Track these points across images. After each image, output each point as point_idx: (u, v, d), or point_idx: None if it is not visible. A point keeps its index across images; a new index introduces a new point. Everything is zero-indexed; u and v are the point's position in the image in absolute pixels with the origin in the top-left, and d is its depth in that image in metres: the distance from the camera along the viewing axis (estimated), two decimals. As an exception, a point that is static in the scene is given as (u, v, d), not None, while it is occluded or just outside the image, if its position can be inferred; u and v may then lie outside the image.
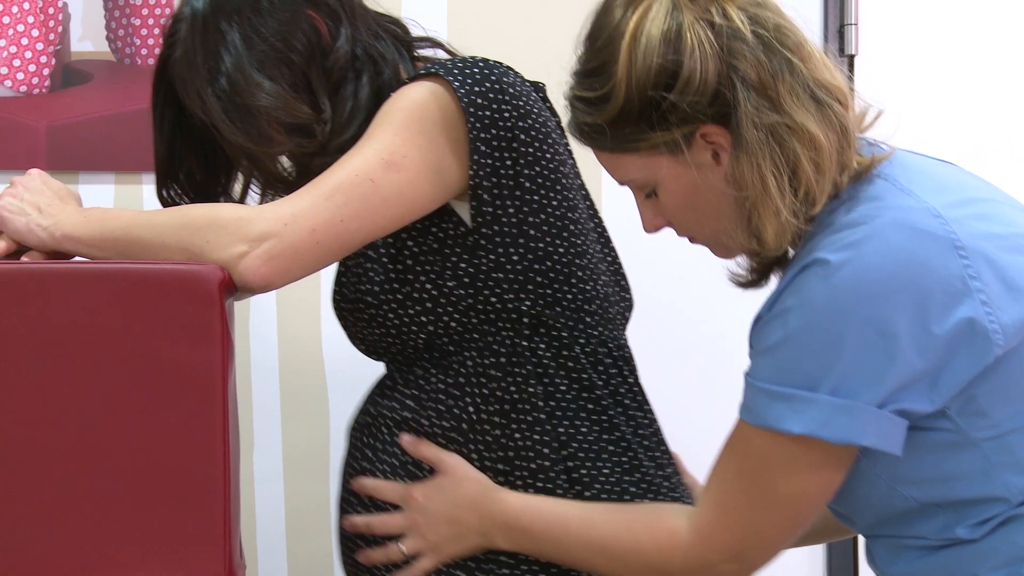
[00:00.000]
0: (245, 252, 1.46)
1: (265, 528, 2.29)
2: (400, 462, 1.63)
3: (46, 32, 2.18)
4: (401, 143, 1.53)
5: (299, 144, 1.61)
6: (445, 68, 1.57)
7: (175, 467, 1.42)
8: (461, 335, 1.60)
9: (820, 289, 1.35)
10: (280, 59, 1.60)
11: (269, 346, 2.28)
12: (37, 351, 1.41)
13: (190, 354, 1.42)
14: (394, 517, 1.62)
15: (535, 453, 1.58)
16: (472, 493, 1.58)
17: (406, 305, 1.61)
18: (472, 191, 1.56)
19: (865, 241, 1.35)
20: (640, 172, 1.45)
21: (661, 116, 1.40)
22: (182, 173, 1.70)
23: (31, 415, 1.41)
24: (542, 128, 1.59)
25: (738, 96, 1.38)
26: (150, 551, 1.42)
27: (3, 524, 1.40)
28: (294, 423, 2.30)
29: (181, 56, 1.62)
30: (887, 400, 1.36)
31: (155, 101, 1.69)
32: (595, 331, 1.62)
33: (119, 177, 2.22)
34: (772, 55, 1.40)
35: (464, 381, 1.60)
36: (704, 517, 1.47)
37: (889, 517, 1.45)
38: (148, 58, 2.22)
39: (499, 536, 1.57)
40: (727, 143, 1.40)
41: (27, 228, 1.53)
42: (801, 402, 1.37)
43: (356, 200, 1.51)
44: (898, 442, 1.38)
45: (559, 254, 1.60)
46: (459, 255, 1.58)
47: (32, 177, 1.59)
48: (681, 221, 1.49)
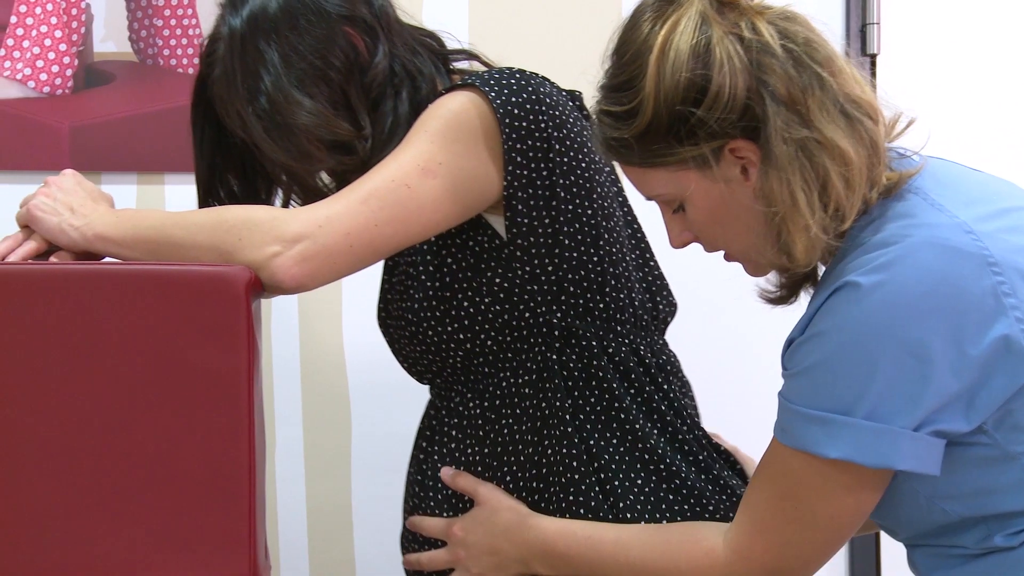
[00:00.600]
0: (278, 252, 1.46)
1: (287, 529, 2.29)
2: (444, 496, 1.65)
3: (69, 33, 2.19)
4: (437, 150, 1.53)
5: (340, 161, 1.62)
6: (481, 79, 1.57)
7: (201, 468, 1.42)
8: (496, 354, 1.61)
9: (853, 313, 1.34)
10: (319, 77, 1.61)
11: (291, 347, 2.29)
12: (63, 351, 1.42)
13: (216, 355, 1.42)
14: (440, 553, 1.65)
15: (564, 467, 1.58)
16: (507, 522, 1.59)
17: (444, 323, 1.61)
18: (507, 202, 1.56)
19: (897, 262, 1.34)
20: (667, 187, 1.44)
21: (689, 131, 1.39)
22: (223, 190, 1.71)
23: (57, 415, 1.41)
24: (577, 138, 1.59)
25: (767, 111, 1.37)
26: (176, 552, 1.42)
27: (31, 524, 1.41)
28: (315, 424, 2.30)
29: (220, 76, 1.62)
30: (923, 423, 1.35)
31: (194, 120, 1.69)
32: (626, 339, 1.62)
33: (141, 177, 2.23)
34: (802, 70, 1.39)
35: (499, 403, 1.61)
36: (741, 536, 1.47)
37: (930, 530, 1.45)
38: (170, 59, 2.22)
39: (537, 563, 1.58)
40: (756, 158, 1.39)
41: (59, 228, 1.54)
42: (837, 426, 1.36)
43: (391, 205, 1.51)
44: (935, 463, 1.37)
45: (593, 263, 1.60)
46: (494, 269, 1.59)
47: (66, 177, 1.59)
48: (709, 236, 1.48)
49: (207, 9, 2.20)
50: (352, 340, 2.30)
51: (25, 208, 1.57)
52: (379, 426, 2.28)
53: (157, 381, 1.42)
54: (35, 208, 1.56)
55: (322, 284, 1.50)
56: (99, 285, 1.43)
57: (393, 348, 1.71)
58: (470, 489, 1.62)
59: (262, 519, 1.48)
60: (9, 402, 1.41)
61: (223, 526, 1.42)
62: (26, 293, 1.41)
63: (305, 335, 2.30)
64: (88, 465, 1.41)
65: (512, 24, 2.31)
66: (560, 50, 2.24)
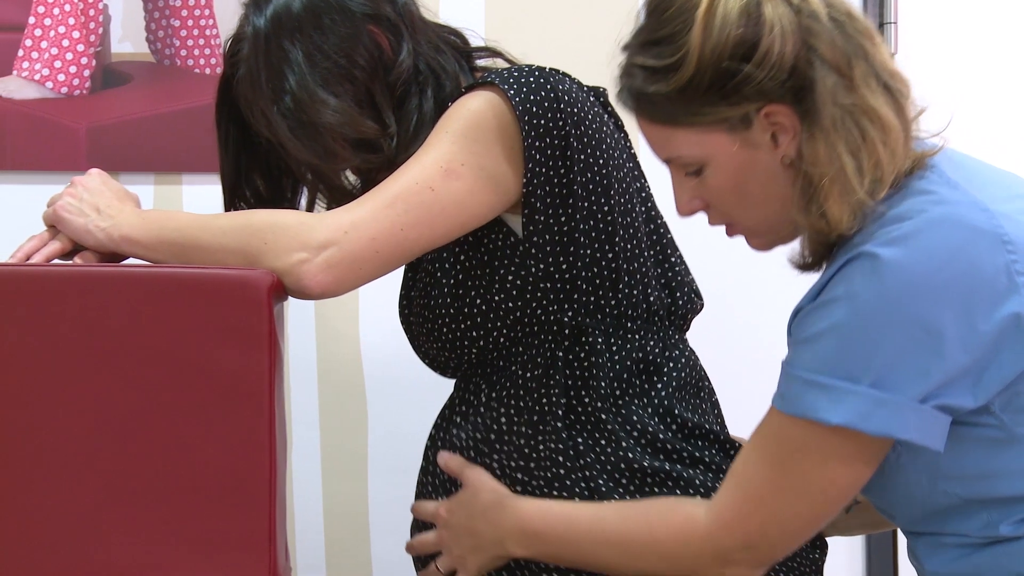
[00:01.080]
0: (305, 259, 1.47)
1: (303, 530, 2.29)
2: (440, 481, 1.66)
3: (87, 34, 2.19)
4: (459, 151, 1.53)
5: (365, 159, 1.62)
6: (501, 77, 1.57)
7: (221, 470, 1.43)
8: (509, 349, 1.61)
9: (868, 282, 1.35)
10: (343, 75, 1.61)
11: (308, 347, 2.29)
12: (86, 352, 1.42)
13: (238, 358, 1.43)
14: (428, 535, 1.65)
15: (551, 462, 1.58)
16: (486, 503, 1.59)
17: (458, 320, 1.61)
18: (525, 200, 1.56)
19: (913, 236, 1.35)
20: (692, 149, 1.44)
21: (732, 89, 1.39)
22: (249, 190, 1.71)
23: (79, 416, 1.42)
24: (596, 135, 1.59)
25: (817, 74, 1.38)
26: (196, 554, 1.43)
27: (52, 525, 1.41)
28: (332, 425, 2.30)
29: (244, 75, 1.63)
30: (930, 396, 1.36)
31: (219, 120, 1.69)
32: (635, 336, 1.62)
33: (159, 178, 2.23)
34: (847, 39, 1.40)
35: (505, 394, 1.61)
36: (726, 503, 1.46)
37: (930, 513, 1.45)
38: (187, 59, 2.23)
39: (512, 543, 1.57)
40: (792, 124, 1.40)
41: (85, 229, 1.54)
42: (841, 393, 1.36)
43: (416, 208, 1.51)
44: (939, 438, 1.37)
45: (607, 260, 1.59)
46: (507, 267, 1.59)
47: (92, 177, 1.60)
48: (724, 204, 1.47)
49: (224, 9, 2.21)
50: (369, 340, 2.30)
51: (52, 208, 1.58)
52: (396, 427, 2.28)
53: (179, 383, 1.42)
54: (61, 209, 1.56)
55: (348, 290, 1.51)
56: (122, 287, 1.43)
57: (414, 344, 1.72)
58: (457, 471, 1.62)
59: (282, 521, 1.48)
60: (31, 403, 1.41)
61: (244, 528, 1.43)
62: (49, 294, 1.42)
63: (322, 335, 2.30)
64: (109, 466, 1.42)
65: (528, 21, 2.30)
66: (576, 46, 2.23)
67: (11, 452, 1.40)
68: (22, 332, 1.41)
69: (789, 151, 1.41)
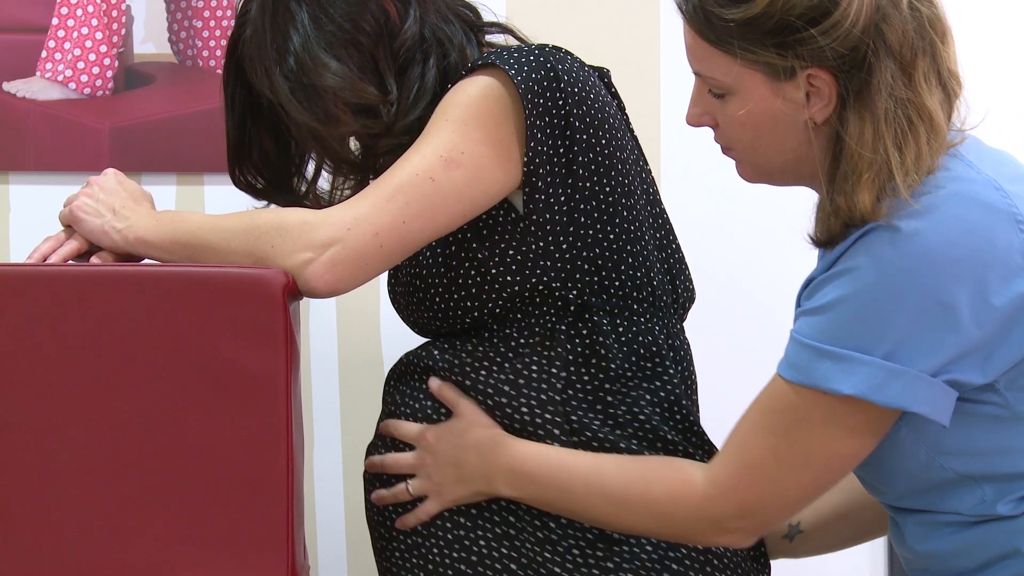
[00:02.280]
0: (311, 259, 1.47)
1: (324, 527, 2.30)
2: (421, 406, 1.64)
3: (109, 35, 2.20)
4: (459, 139, 1.54)
5: (365, 125, 1.62)
6: (501, 57, 1.57)
7: (239, 469, 1.43)
8: (506, 317, 1.61)
9: (884, 254, 1.36)
10: (348, 40, 1.61)
11: (328, 345, 2.29)
12: (102, 352, 1.43)
13: (254, 357, 1.43)
14: (406, 456, 1.63)
15: (544, 432, 1.57)
16: (480, 437, 1.58)
17: (451, 289, 1.61)
18: (525, 178, 1.56)
19: (930, 210, 1.36)
20: (727, 76, 1.43)
21: (791, 43, 1.39)
22: (255, 154, 1.71)
23: (96, 416, 1.43)
24: (598, 114, 1.59)
25: (880, 61, 1.38)
26: (214, 553, 1.43)
27: (70, 525, 1.42)
28: (353, 420, 2.31)
29: (251, 36, 1.63)
30: (941, 370, 1.36)
31: (226, 81, 1.70)
32: (642, 319, 1.62)
33: (181, 178, 2.24)
34: (920, 33, 1.39)
35: (494, 353, 1.60)
36: (724, 469, 1.46)
37: (923, 488, 1.45)
38: (209, 60, 2.24)
39: (501, 482, 1.57)
40: (830, 93, 1.40)
41: (101, 230, 1.56)
42: (853, 363, 1.36)
43: (417, 200, 1.52)
44: (947, 412, 1.38)
45: (609, 240, 1.59)
46: (507, 241, 1.58)
47: (108, 177, 1.61)
48: (734, 134, 1.47)
49: (245, 10, 2.21)
50: (390, 338, 2.30)
51: (68, 208, 1.59)
52: (417, 423, 2.27)
53: (196, 383, 1.43)
54: (78, 209, 1.57)
55: (356, 287, 1.51)
56: (137, 287, 1.44)
57: (401, 314, 1.71)
58: (452, 400, 1.61)
59: (301, 520, 1.49)
60: (49, 403, 1.42)
61: (262, 527, 1.43)
62: (65, 294, 1.43)
63: (343, 333, 2.30)
64: (126, 466, 1.43)
65: (549, 17, 2.30)
66: (595, 28, 2.24)
67: (29, 452, 1.41)
68: (39, 332, 1.42)
69: (817, 116, 1.41)
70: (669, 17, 1.55)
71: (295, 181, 1.74)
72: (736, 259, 2.33)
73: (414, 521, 1.62)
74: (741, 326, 2.34)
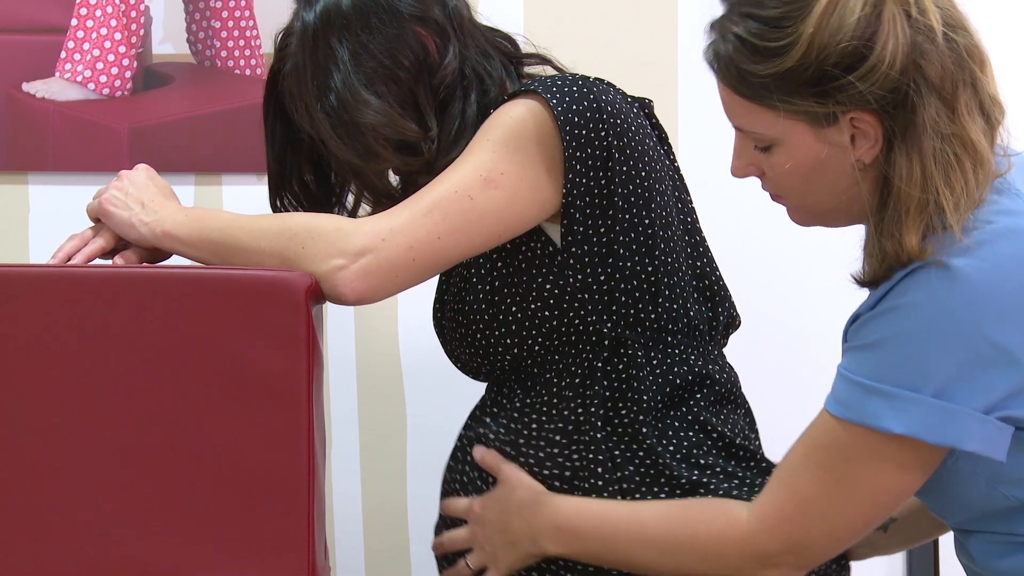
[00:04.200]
0: (343, 266, 1.47)
1: (342, 528, 2.30)
2: (470, 479, 1.65)
3: (128, 35, 2.20)
4: (499, 160, 1.53)
5: (405, 162, 1.63)
6: (544, 85, 1.56)
7: (260, 471, 1.43)
8: (544, 356, 1.60)
9: (934, 292, 1.34)
10: (388, 76, 1.61)
11: (347, 346, 2.29)
12: (125, 354, 1.43)
13: (276, 360, 1.43)
14: (460, 532, 1.64)
15: (589, 472, 1.57)
16: (521, 499, 1.58)
17: (492, 326, 1.61)
18: (564, 210, 1.56)
19: (979, 247, 1.34)
20: (769, 129, 1.42)
21: (830, 91, 1.36)
22: (295, 184, 1.71)
23: (118, 418, 1.42)
24: (638, 147, 1.58)
25: (923, 100, 1.35)
26: (235, 554, 1.43)
27: (91, 525, 1.42)
28: (371, 423, 2.31)
29: (291, 71, 1.63)
30: (994, 407, 1.35)
31: (266, 113, 1.70)
32: (676, 349, 1.61)
33: (199, 178, 2.24)
34: (958, 63, 1.37)
35: (539, 401, 1.60)
36: (771, 506, 1.45)
37: (987, 515, 1.44)
38: (228, 60, 2.23)
39: (547, 540, 1.56)
40: (875, 134, 1.38)
41: (129, 222, 1.56)
42: (904, 401, 1.35)
43: (453, 217, 1.51)
44: (1002, 448, 1.37)
45: (647, 273, 1.59)
46: (545, 275, 1.58)
47: (139, 172, 1.61)
48: (782, 182, 1.46)
49: (265, 11, 2.22)
50: (408, 340, 2.30)
51: (97, 201, 1.59)
52: (435, 426, 2.27)
53: (217, 384, 1.43)
54: (106, 202, 1.58)
55: (383, 298, 1.51)
56: (160, 288, 1.44)
57: (446, 349, 1.72)
58: (494, 467, 1.61)
59: (321, 522, 1.49)
60: (70, 404, 1.42)
61: (282, 529, 1.43)
62: (88, 295, 1.43)
63: (361, 334, 2.30)
64: (148, 466, 1.42)
65: (566, 24, 2.30)
66: (615, 49, 2.24)
67: (51, 453, 1.41)
68: (61, 333, 1.42)
69: (865, 156, 1.39)
70: (687, 30, 1.54)
71: (336, 211, 1.74)
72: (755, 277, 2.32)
73: None
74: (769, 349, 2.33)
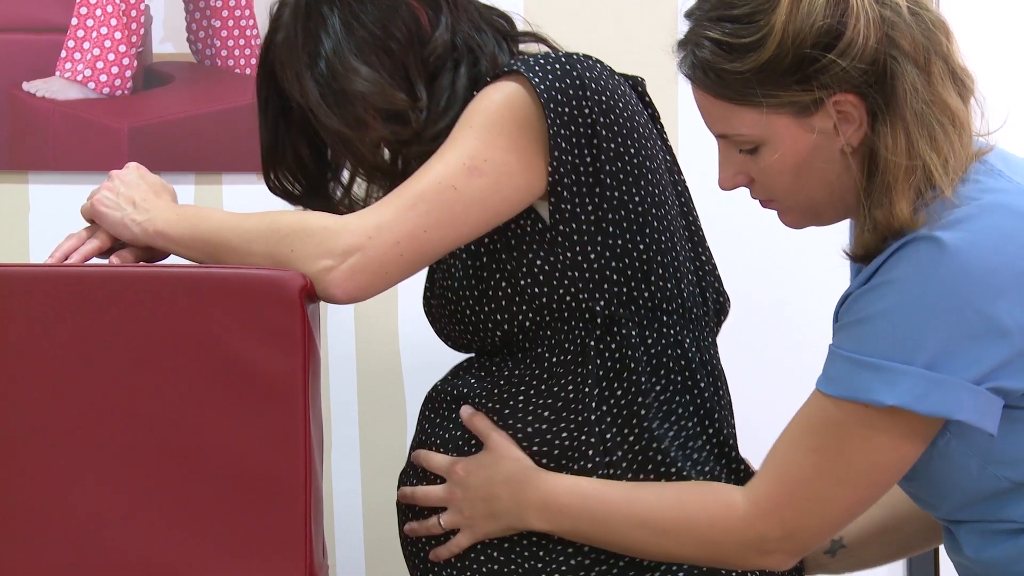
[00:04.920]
0: (331, 267, 1.47)
1: (342, 526, 2.30)
2: (451, 436, 1.64)
3: (128, 35, 2.21)
4: (482, 147, 1.53)
5: (394, 131, 1.62)
6: (526, 65, 1.56)
7: (257, 469, 1.43)
8: (535, 332, 1.60)
9: (922, 266, 1.36)
10: (379, 46, 1.61)
11: (347, 344, 2.29)
12: (122, 352, 1.43)
13: (272, 359, 1.43)
14: (436, 489, 1.63)
15: (579, 454, 1.57)
16: (510, 471, 1.58)
17: (482, 302, 1.61)
18: (551, 188, 1.56)
19: (967, 221, 1.36)
20: (753, 128, 1.43)
21: (811, 75, 1.38)
22: (290, 158, 1.71)
23: (114, 417, 1.43)
24: (626, 123, 1.58)
25: (900, 68, 1.38)
26: (232, 553, 1.43)
27: (87, 525, 1.42)
28: (371, 420, 2.31)
29: (283, 40, 1.64)
30: (984, 377, 1.36)
31: (259, 84, 1.70)
32: (671, 331, 1.61)
33: (199, 177, 2.24)
34: (926, 33, 1.40)
35: (529, 376, 1.60)
36: (765, 489, 1.45)
37: (977, 499, 1.44)
38: (228, 60, 2.24)
39: (533, 516, 1.56)
40: (859, 115, 1.40)
41: (121, 223, 1.56)
42: (895, 374, 1.36)
43: (438, 208, 1.51)
44: (994, 419, 1.37)
45: (638, 251, 1.58)
46: (536, 252, 1.58)
47: (129, 171, 1.61)
48: (773, 183, 1.47)
49: (265, 10, 2.21)
50: (408, 337, 2.30)
51: (89, 202, 1.60)
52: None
53: (213, 384, 1.43)
54: (98, 203, 1.58)
55: (375, 295, 1.51)
56: (155, 287, 1.44)
57: (435, 327, 1.72)
58: (483, 432, 1.60)
59: (319, 520, 1.49)
60: (66, 403, 1.42)
61: (279, 527, 1.44)
62: (84, 295, 1.43)
63: (361, 332, 2.30)
64: (144, 466, 1.43)
65: (567, 7, 2.29)
66: (615, 35, 2.23)
67: (46, 452, 1.42)
68: (57, 332, 1.42)
69: (852, 140, 1.41)
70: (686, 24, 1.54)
71: (331, 186, 1.74)
72: (752, 268, 2.32)
73: (447, 554, 1.62)
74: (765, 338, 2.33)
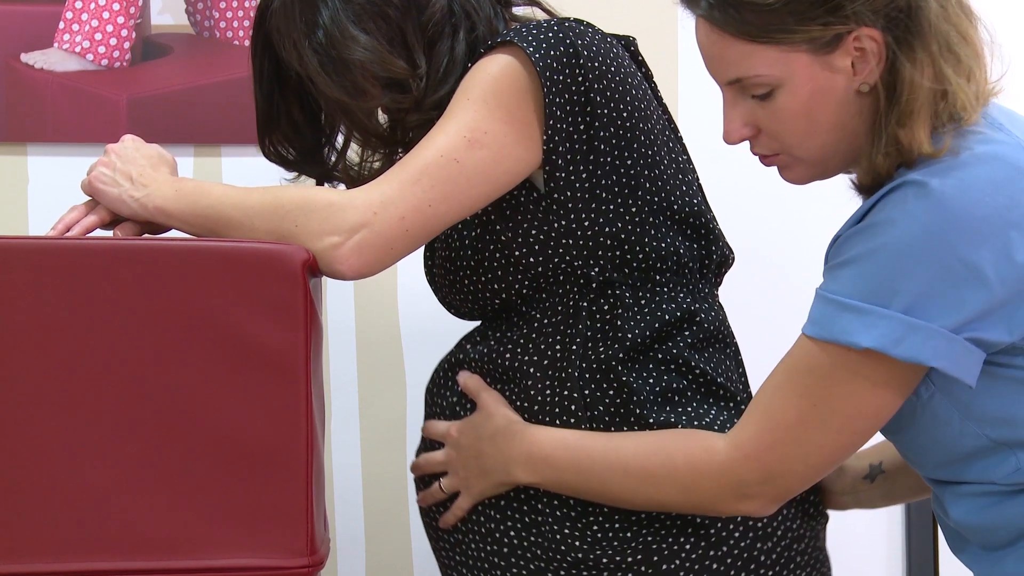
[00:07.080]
0: (338, 243, 1.47)
1: (342, 497, 2.30)
2: (449, 403, 1.66)
3: (127, 6, 2.20)
4: (481, 119, 1.53)
5: (394, 99, 1.62)
6: (520, 35, 1.56)
7: (259, 443, 1.43)
8: (532, 297, 1.62)
9: (910, 210, 1.36)
10: (376, 13, 1.61)
11: (346, 316, 2.30)
12: (122, 326, 1.43)
13: (274, 332, 1.43)
14: (436, 454, 1.65)
15: (562, 409, 1.58)
16: (496, 427, 1.59)
17: (479, 272, 1.62)
18: (545, 156, 1.56)
19: (958, 168, 1.36)
20: (772, 67, 1.43)
21: (837, 6, 1.38)
22: (284, 124, 1.71)
23: (116, 390, 1.42)
24: (619, 87, 1.58)
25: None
26: (234, 526, 1.43)
27: (88, 497, 1.42)
28: (371, 394, 2.31)
29: (279, 7, 1.63)
30: (963, 327, 1.36)
31: (253, 51, 1.69)
32: (664, 289, 1.62)
33: (198, 149, 2.24)
34: None
35: (522, 338, 1.61)
36: (747, 434, 1.46)
37: (958, 457, 1.45)
38: (227, 31, 2.23)
39: (519, 469, 1.57)
40: (877, 52, 1.40)
41: (120, 199, 1.55)
42: (873, 316, 1.37)
43: (442, 182, 1.51)
44: (972, 370, 1.38)
45: (631, 214, 1.59)
46: (530, 221, 1.59)
47: (125, 144, 1.60)
48: (786, 129, 1.46)
49: (263, -19, 2.21)
50: (408, 309, 2.31)
51: (88, 178, 1.59)
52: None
53: (215, 357, 1.43)
54: (96, 180, 1.57)
55: (381, 270, 1.51)
56: (157, 261, 1.44)
57: (438, 296, 1.73)
58: (474, 392, 1.62)
59: (320, 493, 1.49)
60: (67, 376, 1.42)
61: (281, 501, 1.43)
62: (85, 268, 1.43)
63: (360, 305, 2.31)
64: (146, 439, 1.42)
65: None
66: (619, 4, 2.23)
67: (49, 424, 1.41)
68: (58, 305, 1.41)
69: (868, 78, 1.41)
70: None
71: (325, 152, 1.74)
72: (757, 231, 2.32)
73: (452, 519, 1.64)
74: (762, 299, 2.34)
